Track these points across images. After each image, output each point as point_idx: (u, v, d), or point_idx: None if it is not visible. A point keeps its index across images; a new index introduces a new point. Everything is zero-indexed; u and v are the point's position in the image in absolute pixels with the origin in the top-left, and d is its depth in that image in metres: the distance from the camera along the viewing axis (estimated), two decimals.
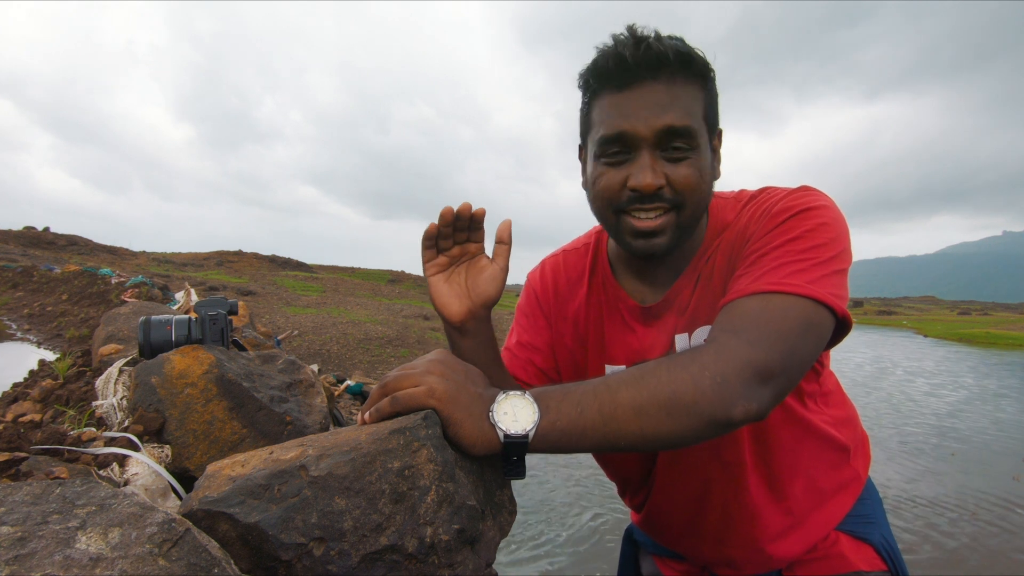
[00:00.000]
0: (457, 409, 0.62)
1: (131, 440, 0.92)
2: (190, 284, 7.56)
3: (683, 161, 0.76)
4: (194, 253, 27.91)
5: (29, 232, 22.60)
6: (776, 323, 0.67)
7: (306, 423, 1.08)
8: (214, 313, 1.13)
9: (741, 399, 0.62)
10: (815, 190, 0.79)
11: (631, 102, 0.75)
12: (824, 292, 0.69)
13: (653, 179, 0.74)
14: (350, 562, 0.52)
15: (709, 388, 0.62)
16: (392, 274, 29.03)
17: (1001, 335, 21.51)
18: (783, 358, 0.65)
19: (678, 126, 0.74)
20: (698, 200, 0.78)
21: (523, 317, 1.03)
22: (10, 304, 8.23)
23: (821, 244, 0.72)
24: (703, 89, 0.78)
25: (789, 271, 0.70)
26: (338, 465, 0.55)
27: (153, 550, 0.43)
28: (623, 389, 0.63)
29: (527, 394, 0.64)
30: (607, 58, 0.76)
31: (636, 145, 0.76)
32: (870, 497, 0.96)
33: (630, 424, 0.62)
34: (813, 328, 0.68)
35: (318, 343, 8.75)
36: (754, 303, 0.69)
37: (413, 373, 0.65)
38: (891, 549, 0.91)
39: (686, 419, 0.62)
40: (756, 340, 0.65)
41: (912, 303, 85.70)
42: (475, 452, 0.63)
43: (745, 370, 0.63)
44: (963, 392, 9.00)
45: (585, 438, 0.62)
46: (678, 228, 0.78)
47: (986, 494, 4.27)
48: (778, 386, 0.65)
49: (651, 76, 0.74)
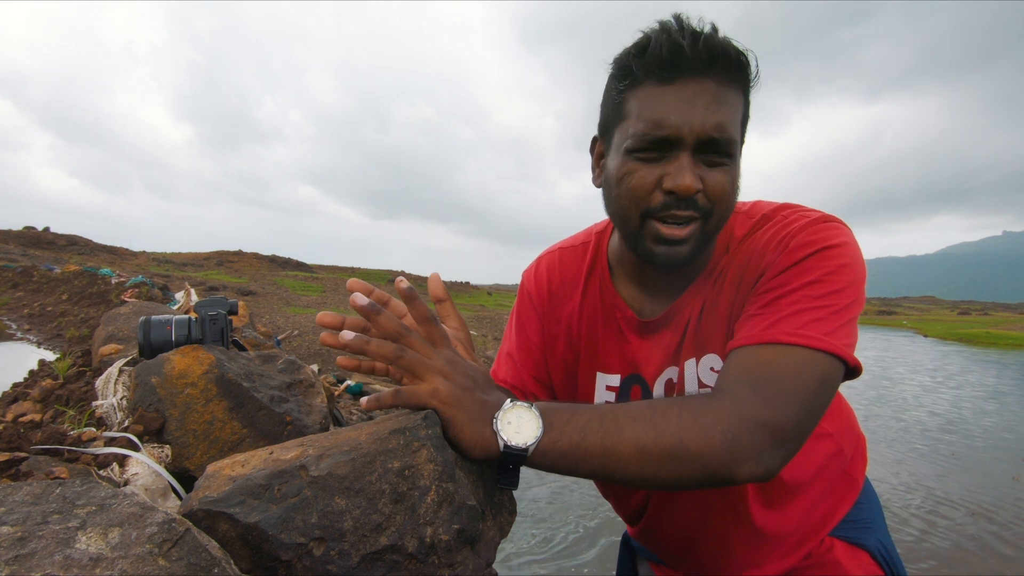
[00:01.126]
0: (459, 412, 0.61)
1: (131, 440, 0.92)
2: (190, 284, 7.57)
3: (719, 168, 0.71)
4: (194, 253, 27.90)
5: (29, 232, 22.60)
6: (793, 381, 0.64)
7: (306, 423, 1.08)
8: (214, 313, 1.13)
9: (749, 460, 0.61)
10: (835, 223, 0.75)
11: (679, 97, 0.69)
12: (840, 345, 0.66)
13: (692, 182, 0.69)
14: (350, 562, 0.52)
15: (719, 443, 0.60)
16: (392, 274, 29.02)
17: (1001, 335, 21.51)
18: (798, 421, 0.63)
19: (722, 135, 0.69)
20: (726, 210, 0.74)
21: (517, 323, 1.00)
22: (10, 304, 8.23)
23: (840, 289, 0.69)
24: (745, 96, 0.73)
25: (807, 320, 0.68)
26: (338, 465, 0.55)
27: (153, 550, 0.43)
28: (629, 425, 0.62)
29: (533, 407, 0.62)
30: (660, 45, 0.68)
31: (677, 145, 0.70)
32: (867, 501, 0.94)
33: (630, 462, 0.61)
34: (828, 387, 0.67)
35: (318, 343, 8.75)
36: (771, 355, 0.67)
37: (425, 364, 0.63)
38: (888, 554, 0.89)
39: (688, 469, 0.60)
40: (773, 399, 0.63)
41: (912, 303, 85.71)
42: (472, 456, 0.62)
43: (758, 431, 0.61)
44: (963, 392, 9.00)
45: (583, 464, 0.61)
46: (703, 237, 0.74)
47: (986, 494, 4.27)
48: (789, 450, 0.64)
49: (704, 73, 0.68)
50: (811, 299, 0.69)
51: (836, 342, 0.66)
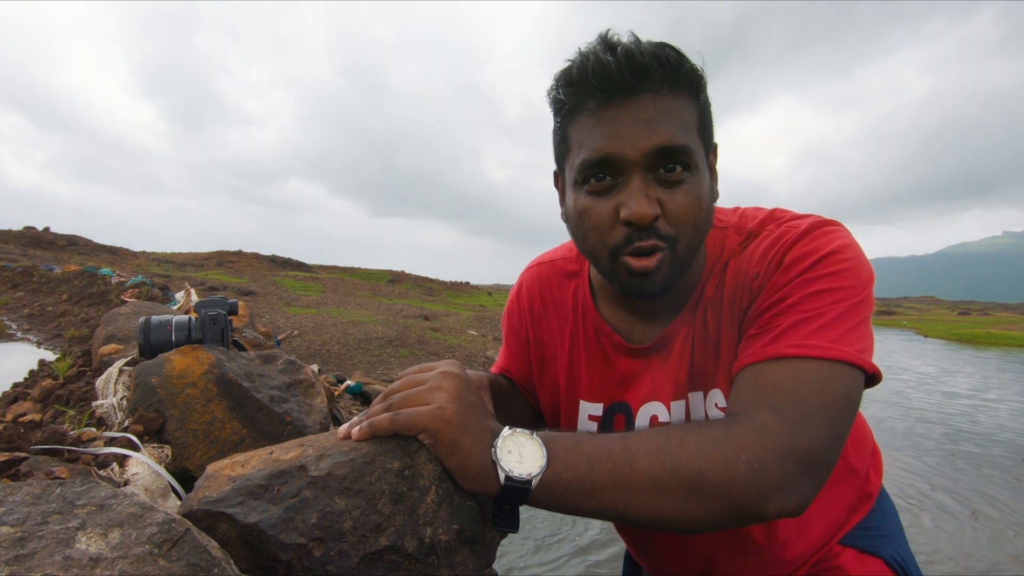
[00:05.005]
0: (466, 435, 0.56)
1: (131, 440, 0.92)
2: (190, 284, 7.57)
3: (679, 186, 0.65)
4: (194, 253, 27.94)
5: (29, 232, 22.62)
6: (816, 400, 0.59)
7: (306, 423, 1.08)
8: (214, 313, 1.13)
9: (780, 491, 0.55)
10: (829, 227, 0.69)
11: (616, 119, 0.64)
12: (853, 352, 0.61)
13: (647, 207, 0.63)
14: (350, 562, 0.52)
15: (744, 474, 0.54)
16: (392, 274, 29.05)
17: (1001, 335, 21.51)
18: (827, 444, 0.58)
19: (672, 145, 0.63)
20: (696, 229, 0.67)
21: (505, 339, 0.97)
22: (10, 304, 8.23)
23: (843, 292, 0.64)
24: (696, 100, 0.67)
25: (811, 328, 0.62)
26: (338, 465, 0.55)
27: (153, 550, 0.43)
28: (642, 456, 0.56)
29: (535, 434, 0.57)
30: (584, 69, 0.64)
31: (624, 169, 0.65)
32: (881, 510, 0.87)
33: (644, 498, 0.55)
34: (852, 401, 0.61)
35: (318, 343, 8.75)
36: (784, 371, 0.61)
37: (421, 390, 0.58)
38: (905, 565, 0.82)
39: (711, 503, 0.54)
40: (799, 422, 0.57)
41: (912, 303, 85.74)
42: (469, 487, 0.57)
43: (788, 458, 0.55)
44: (962, 392, 8.99)
45: (592, 499, 0.55)
46: (675, 263, 0.67)
47: (986, 495, 4.27)
48: (819, 478, 0.58)
49: (637, 88, 0.63)
50: (814, 308, 0.64)
51: (848, 348, 0.61)
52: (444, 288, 26.73)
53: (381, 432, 0.57)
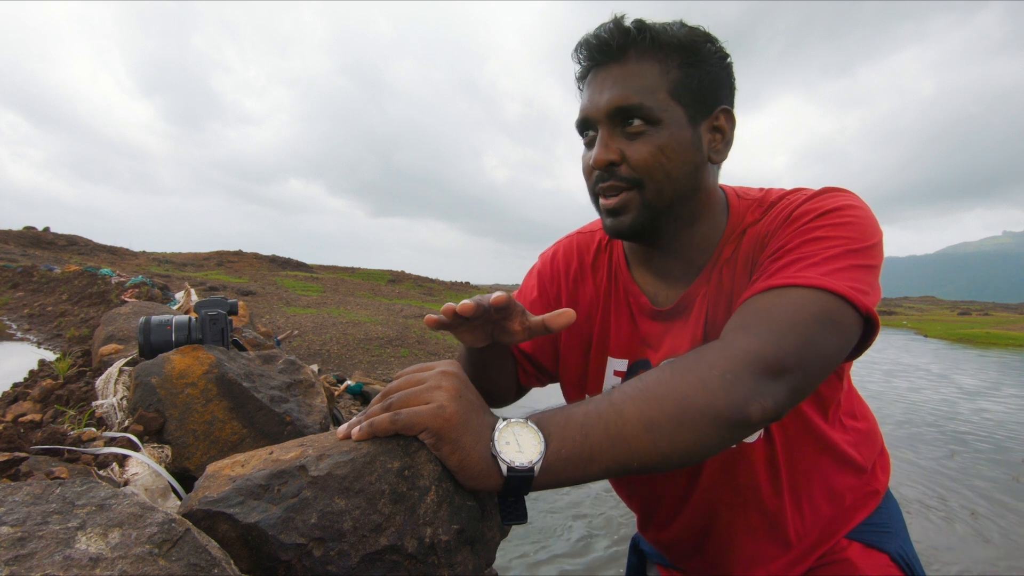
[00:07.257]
0: (467, 433, 0.56)
1: (131, 440, 0.92)
2: (190, 284, 7.57)
3: (639, 137, 0.74)
4: (194, 253, 27.93)
5: (29, 232, 22.61)
6: (788, 316, 0.62)
7: (306, 423, 1.08)
8: (214, 313, 1.13)
9: (755, 395, 0.57)
10: (842, 190, 0.75)
11: (593, 84, 0.78)
12: (842, 284, 0.63)
13: (602, 154, 0.75)
14: (350, 562, 0.52)
15: (720, 388, 0.57)
16: (392, 274, 29.04)
17: (1001, 335, 21.51)
18: (797, 350, 0.60)
19: (625, 104, 0.73)
20: (663, 177, 0.75)
21: (522, 295, 0.99)
22: (10, 304, 8.23)
23: (843, 240, 0.67)
24: (673, 65, 0.75)
25: (804, 265, 0.66)
26: (338, 465, 0.55)
27: (153, 550, 0.43)
28: (629, 403, 0.58)
29: (528, 420, 0.58)
30: (579, 47, 0.79)
31: (594, 125, 0.78)
32: (887, 508, 0.91)
33: (641, 441, 0.56)
34: (833, 323, 0.62)
35: (318, 343, 8.75)
36: (766, 299, 0.65)
37: (420, 389, 0.58)
38: (909, 561, 0.85)
39: (701, 426, 0.57)
40: (765, 333, 0.61)
41: (912, 303, 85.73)
42: (471, 485, 0.57)
43: (755, 364, 0.58)
44: (963, 392, 9.00)
45: (593, 464, 0.56)
46: (644, 207, 0.76)
47: (986, 495, 4.27)
48: (794, 380, 0.60)
49: (611, 58, 0.76)
50: (809, 251, 0.67)
51: (837, 282, 0.63)
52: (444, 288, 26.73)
53: (382, 432, 0.57)
